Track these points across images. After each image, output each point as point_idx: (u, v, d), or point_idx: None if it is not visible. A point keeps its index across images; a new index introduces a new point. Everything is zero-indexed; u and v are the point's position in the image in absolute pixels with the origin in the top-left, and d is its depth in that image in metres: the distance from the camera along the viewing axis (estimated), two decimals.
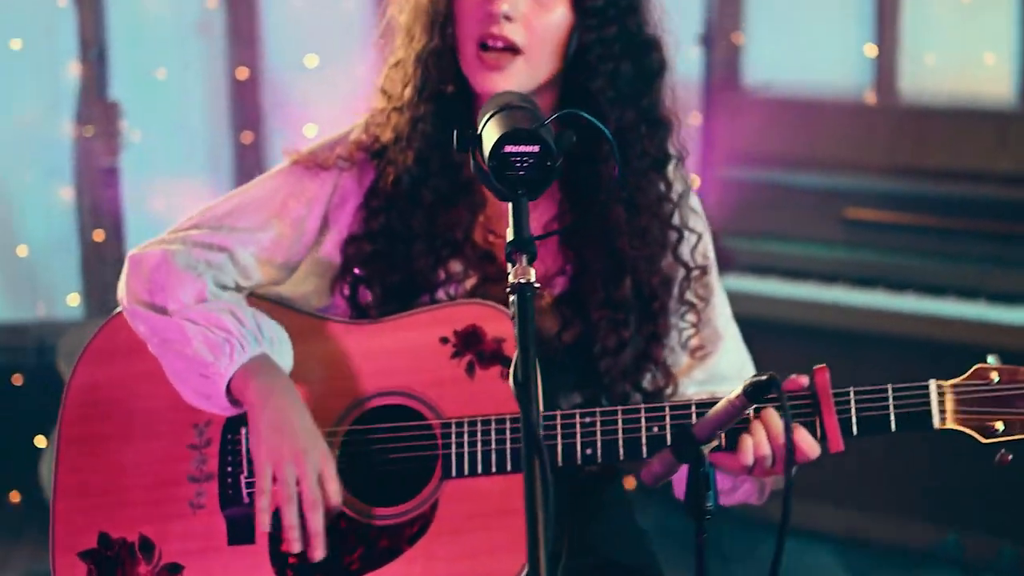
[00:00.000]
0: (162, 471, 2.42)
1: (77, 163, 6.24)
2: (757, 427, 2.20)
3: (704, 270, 2.53)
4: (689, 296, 2.51)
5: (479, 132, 2.02)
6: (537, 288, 1.89)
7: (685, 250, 2.50)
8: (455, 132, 2.04)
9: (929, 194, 5.20)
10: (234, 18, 6.26)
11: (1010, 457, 2.24)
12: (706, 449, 1.94)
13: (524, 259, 1.90)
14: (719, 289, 2.59)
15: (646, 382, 2.47)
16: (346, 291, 2.51)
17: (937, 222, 5.16)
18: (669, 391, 2.48)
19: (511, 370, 1.85)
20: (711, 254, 2.57)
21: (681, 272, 2.50)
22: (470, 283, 2.47)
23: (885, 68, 6.08)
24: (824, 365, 2.26)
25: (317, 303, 2.54)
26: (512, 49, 2.36)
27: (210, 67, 6.31)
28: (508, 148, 1.95)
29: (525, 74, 2.38)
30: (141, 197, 5.91)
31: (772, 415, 2.21)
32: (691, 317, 2.52)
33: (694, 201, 2.56)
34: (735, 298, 5.18)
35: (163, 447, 2.43)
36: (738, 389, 1.89)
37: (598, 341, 2.44)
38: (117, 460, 2.45)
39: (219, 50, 6.28)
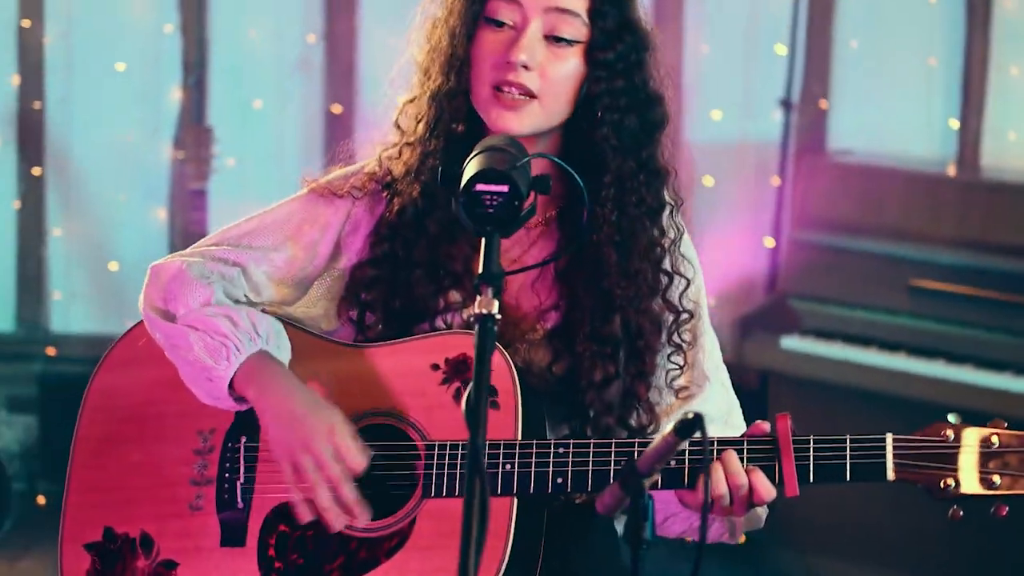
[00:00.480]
0: (167, 473, 2.57)
1: (172, 185, 6.46)
2: (716, 467, 2.31)
3: (692, 314, 2.62)
4: (676, 338, 2.61)
5: (462, 170, 2.14)
6: (498, 319, 2.00)
7: (674, 294, 2.61)
8: (439, 168, 2.17)
9: (995, 268, 5.24)
10: (332, 55, 6.47)
11: (961, 513, 2.31)
12: (647, 482, 2.03)
13: (490, 292, 2.00)
14: (709, 334, 2.68)
15: (632, 419, 2.57)
16: (352, 315, 2.64)
17: (1001, 296, 5.20)
18: (651, 429, 2.57)
19: (465, 394, 1.96)
20: (701, 299, 2.67)
21: (670, 315, 2.60)
22: (466, 314, 2.58)
23: (967, 142, 6.14)
24: (786, 413, 2.36)
25: (326, 326, 2.67)
26: (528, 94, 2.48)
27: (306, 100, 6.52)
28: (479, 186, 2.07)
29: (539, 116, 2.50)
30: (228, 221, 6.10)
31: (731, 456, 2.32)
32: (677, 359, 2.61)
33: (686, 248, 2.66)
34: (798, 359, 5.29)
35: (170, 451, 2.58)
36: (670, 426, 1.99)
37: (584, 374, 2.54)
38: (127, 460, 2.60)
39: (316, 85, 6.49)
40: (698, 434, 1.92)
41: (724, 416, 2.62)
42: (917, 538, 5.17)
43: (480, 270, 2.03)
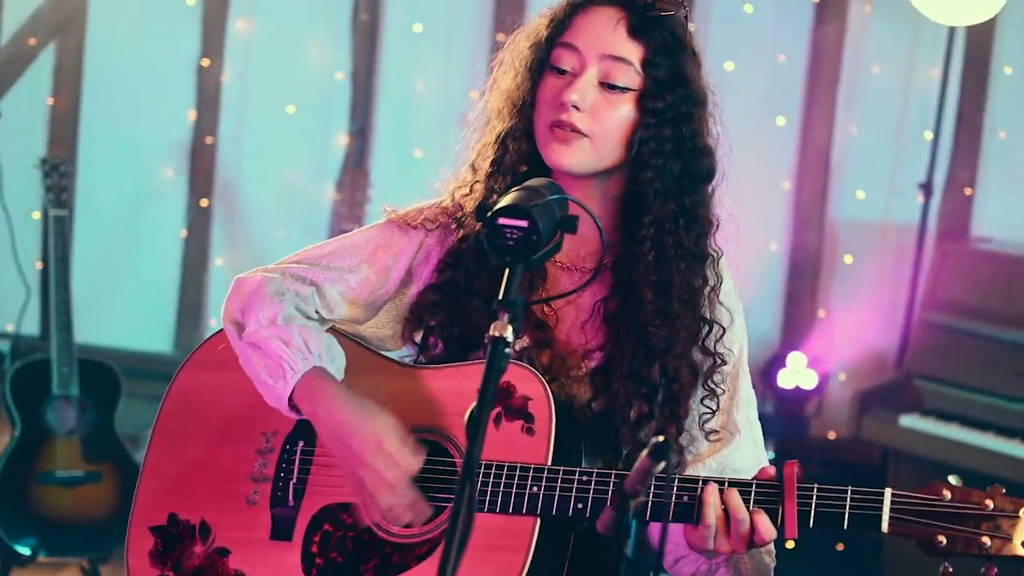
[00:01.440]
0: (230, 469, 2.78)
1: (331, 225, 6.75)
2: (708, 492, 2.48)
3: (724, 361, 2.76)
4: (711, 383, 2.76)
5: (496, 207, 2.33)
6: (509, 343, 2.18)
7: (711, 341, 2.75)
8: (478, 203, 2.37)
9: None
10: None
11: (951, 570, 2.42)
12: (632, 503, 2.19)
13: (506, 317, 2.19)
14: (746, 389, 2.82)
15: None
16: (416, 337, 2.84)
17: None
18: (679, 471, 2.72)
19: (469, 410, 2.14)
20: (739, 350, 2.81)
21: (708, 361, 2.76)
22: (520, 345, 2.75)
23: None
24: (795, 460, 2.49)
25: (393, 347, 2.88)
26: (578, 132, 2.66)
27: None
28: (501, 220, 2.26)
29: (590, 155, 2.67)
30: None
31: (732, 494, 2.46)
32: (710, 403, 2.76)
33: (726, 297, 2.80)
34: (916, 438, 5.33)
35: (235, 449, 2.80)
36: (646, 450, 2.14)
37: (619, 412, 2.70)
38: (196, 454, 2.82)
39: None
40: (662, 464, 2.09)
41: (752, 470, 2.72)
42: None
43: (500, 296, 2.22)
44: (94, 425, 5.70)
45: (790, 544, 5.66)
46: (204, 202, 6.92)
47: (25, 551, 5.63)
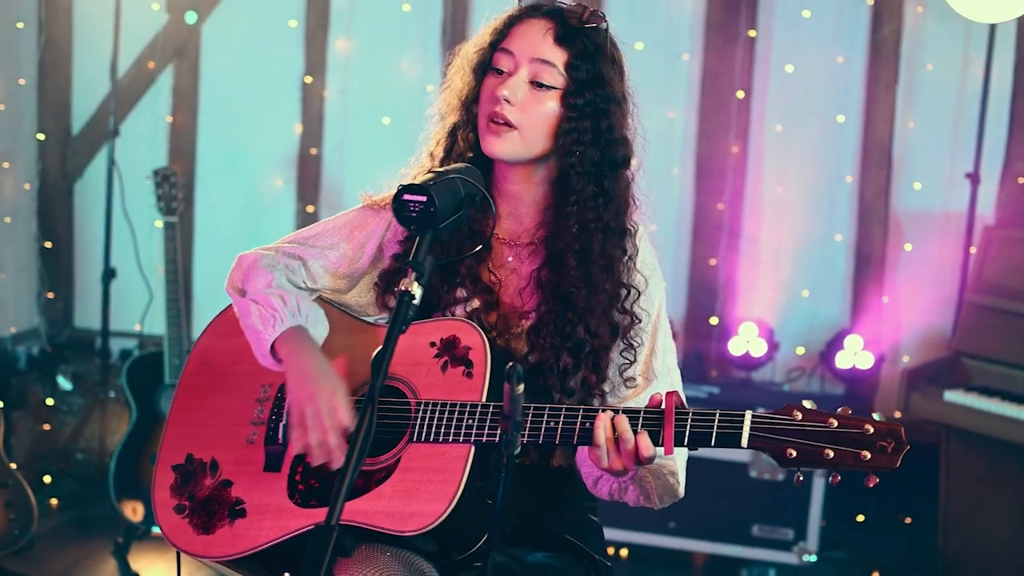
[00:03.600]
0: (235, 415, 3.29)
1: None
2: (600, 420, 2.92)
3: (639, 319, 3.20)
4: (628, 338, 3.20)
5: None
6: (413, 298, 2.68)
7: (628, 302, 3.20)
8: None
9: None
10: None
11: (802, 479, 2.85)
12: (509, 422, 2.65)
13: (413, 275, 2.69)
14: (663, 341, 3.25)
15: (588, 403, 3.18)
16: (390, 303, 3.33)
17: None
18: None
19: (376, 350, 2.63)
20: (654, 310, 3.24)
21: (625, 319, 3.20)
22: (471, 306, 3.23)
23: None
24: (676, 391, 2.94)
25: (374, 312, 3.37)
26: (509, 124, 3.13)
27: None
28: (405, 196, 2.78)
29: (519, 144, 3.14)
30: None
31: (622, 420, 2.91)
32: (628, 355, 3.20)
33: (643, 265, 3.23)
34: (961, 412, 5.63)
35: (241, 398, 3.30)
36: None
37: (549, 363, 3.15)
38: (210, 404, 3.33)
39: None
40: (522, 386, 2.57)
41: None
42: None
43: (411, 259, 2.72)
44: None
45: (860, 517, 6.05)
46: (311, 208, 7.40)
47: (141, 526, 6.23)
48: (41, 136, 7.54)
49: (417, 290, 2.70)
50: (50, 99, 7.55)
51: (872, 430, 2.81)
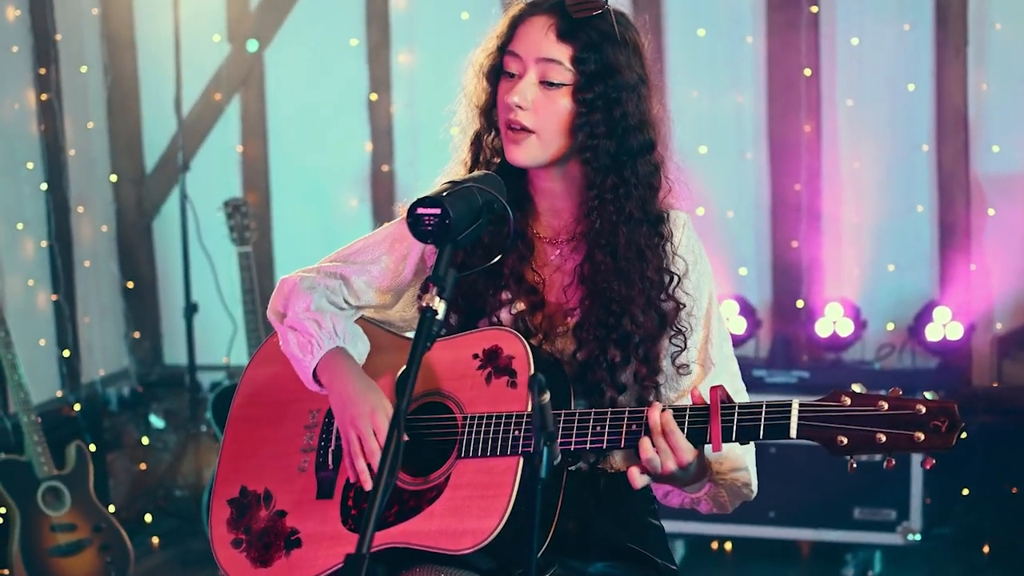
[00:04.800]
0: (286, 444, 3.26)
1: None
2: (652, 437, 2.88)
3: (684, 304, 3.12)
4: (677, 324, 3.13)
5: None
6: (436, 313, 2.63)
7: (671, 288, 3.12)
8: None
9: None
10: None
11: (855, 465, 2.77)
12: (543, 434, 2.57)
13: (435, 290, 2.64)
14: (716, 327, 3.18)
15: (645, 398, 3.11)
16: None
17: None
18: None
19: (400, 370, 2.58)
20: (701, 294, 3.16)
21: (671, 305, 3.12)
22: (516, 308, 3.18)
23: None
24: (720, 385, 2.86)
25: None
26: (525, 129, 3.07)
27: None
28: (419, 210, 2.73)
29: (538, 148, 3.08)
30: None
31: (667, 414, 2.86)
32: (678, 341, 3.13)
33: (682, 248, 3.15)
34: None
35: (290, 427, 3.28)
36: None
37: (597, 358, 3.09)
38: (261, 434, 3.31)
39: None
40: (547, 395, 2.51)
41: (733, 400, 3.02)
42: None
43: (432, 273, 2.67)
44: None
45: (965, 491, 5.94)
46: (401, 211, 7.36)
47: None
48: (114, 177, 7.62)
49: (440, 305, 2.64)
50: (121, 140, 7.63)
51: (924, 410, 2.71)
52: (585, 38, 3.06)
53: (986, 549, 6.35)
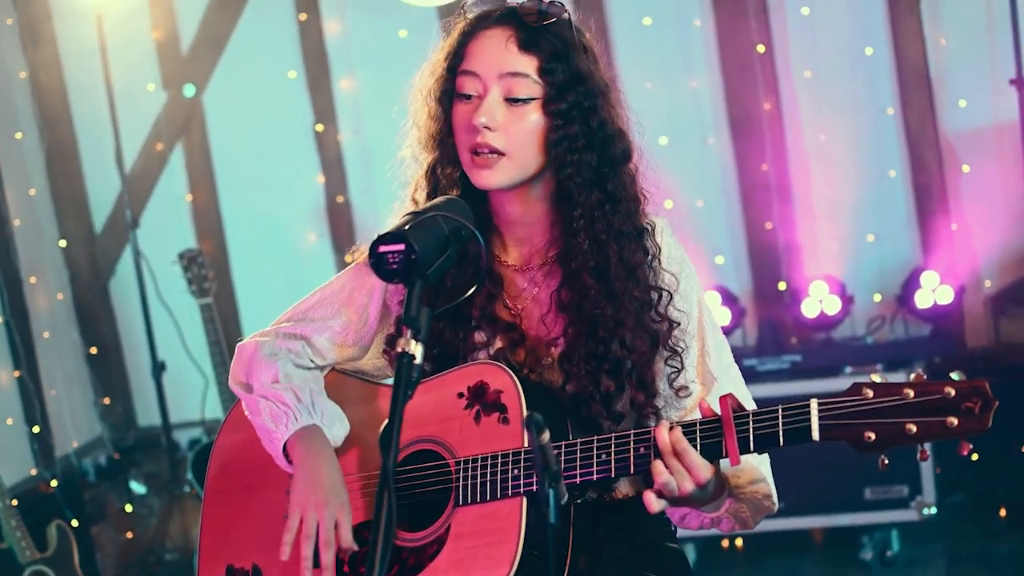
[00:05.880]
0: (267, 514, 3.04)
1: None
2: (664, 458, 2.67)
3: (678, 322, 2.92)
4: (672, 344, 2.92)
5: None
6: (414, 357, 2.40)
7: (662, 306, 2.91)
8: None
9: None
10: None
11: (887, 461, 2.56)
12: (546, 473, 2.36)
13: (409, 333, 2.42)
14: (712, 338, 2.97)
15: (645, 424, 2.90)
16: None
17: None
18: None
19: (383, 425, 2.37)
20: (696, 304, 2.96)
21: (664, 325, 2.92)
22: (495, 348, 2.97)
23: None
24: (729, 393, 2.66)
25: (391, 372, 3.11)
26: (496, 152, 2.85)
27: None
28: (381, 248, 2.50)
29: (511, 170, 2.86)
30: None
31: (676, 431, 2.66)
32: (674, 362, 2.92)
33: (668, 262, 2.94)
34: None
35: (269, 496, 3.06)
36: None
37: (588, 389, 2.87)
38: (241, 506, 3.09)
39: None
40: (547, 434, 2.29)
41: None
42: None
43: (403, 314, 2.45)
44: None
45: (975, 456, 5.77)
46: (349, 258, 7.17)
47: None
48: (63, 243, 7.38)
49: (416, 348, 2.42)
50: (66, 202, 7.41)
51: (954, 392, 2.52)
52: (549, 47, 2.86)
53: (1003, 512, 6.20)
